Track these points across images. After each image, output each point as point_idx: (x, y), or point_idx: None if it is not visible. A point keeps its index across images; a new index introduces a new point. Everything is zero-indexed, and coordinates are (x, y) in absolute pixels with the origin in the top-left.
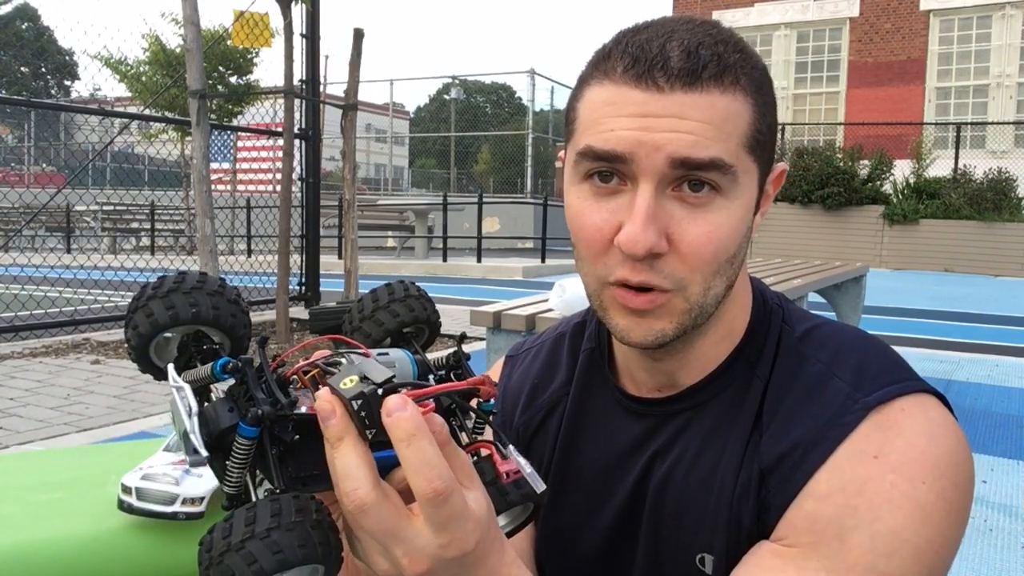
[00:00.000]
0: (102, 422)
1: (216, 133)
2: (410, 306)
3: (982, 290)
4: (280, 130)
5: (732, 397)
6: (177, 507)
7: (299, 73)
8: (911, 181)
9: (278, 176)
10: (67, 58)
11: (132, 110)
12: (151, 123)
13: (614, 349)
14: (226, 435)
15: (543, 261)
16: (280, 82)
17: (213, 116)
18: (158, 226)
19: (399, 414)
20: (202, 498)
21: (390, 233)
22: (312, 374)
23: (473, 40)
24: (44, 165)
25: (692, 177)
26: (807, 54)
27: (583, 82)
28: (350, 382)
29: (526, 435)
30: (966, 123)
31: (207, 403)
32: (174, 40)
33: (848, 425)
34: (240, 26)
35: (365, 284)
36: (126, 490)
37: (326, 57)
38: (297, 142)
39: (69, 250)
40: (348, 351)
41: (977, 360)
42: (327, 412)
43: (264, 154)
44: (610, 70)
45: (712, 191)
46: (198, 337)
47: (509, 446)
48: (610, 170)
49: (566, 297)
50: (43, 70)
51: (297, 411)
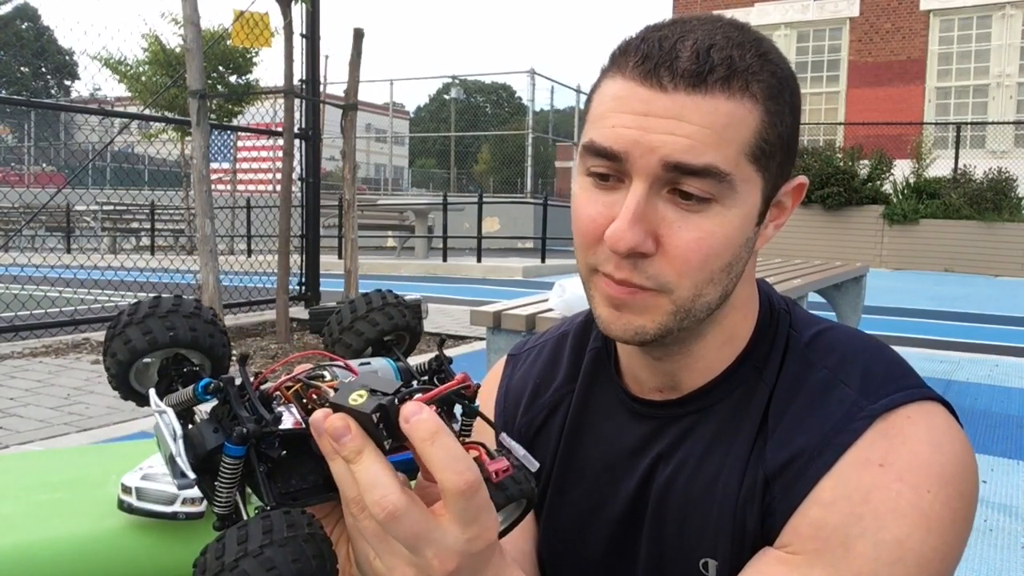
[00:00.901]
0: (102, 422)
1: (216, 133)
2: (389, 314)
3: (982, 290)
4: (280, 130)
5: (737, 402)
6: (177, 507)
7: (299, 73)
8: (911, 181)
9: (278, 176)
10: (67, 58)
11: (132, 110)
12: (151, 123)
13: (619, 349)
14: (212, 456)
15: (543, 261)
16: (280, 82)
17: (213, 116)
18: (158, 226)
19: (418, 417)
20: (202, 498)
21: (390, 233)
22: (295, 389)
23: (473, 40)
24: (44, 165)
25: (684, 185)
26: (807, 54)
27: (602, 73)
28: (360, 397)
29: (528, 434)
30: (966, 123)
31: (191, 425)
32: (174, 40)
33: (854, 432)
34: (240, 26)
35: (365, 284)
36: (126, 490)
37: (326, 57)
38: (297, 142)
39: (69, 250)
40: (330, 364)
41: (977, 360)
42: (341, 429)
43: (264, 154)
44: (623, 64)
45: (704, 200)
46: (178, 360)
47: (502, 433)
48: (607, 171)
49: (566, 297)
50: (43, 70)
51: (282, 427)
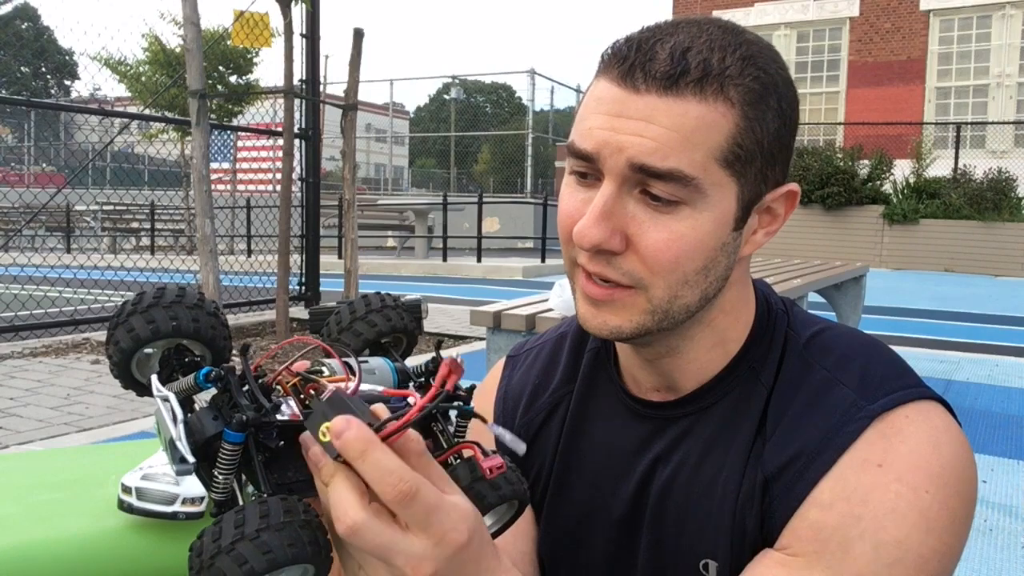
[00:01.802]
0: (102, 422)
1: (216, 133)
2: (387, 316)
3: (982, 290)
4: (280, 130)
5: (735, 403)
6: (177, 507)
7: (299, 73)
8: (911, 181)
9: (278, 176)
10: (67, 58)
11: (132, 110)
12: (151, 123)
13: (617, 348)
14: (211, 443)
15: (543, 261)
16: (280, 82)
17: (213, 116)
18: (158, 226)
19: (346, 435)
20: (202, 498)
21: (390, 233)
22: (294, 382)
23: (473, 40)
24: (44, 165)
25: (651, 187)
26: (807, 54)
27: (594, 77)
28: (326, 432)
29: (528, 435)
30: (966, 123)
31: (191, 414)
32: (174, 40)
33: (852, 433)
34: (240, 26)
35: (365, 284)
36: (126, 490)
37: (326, 57)
38: (297, 142)
39: (69, 250)
40: (328, 360)
41: (977, 360)
42: (317, 456)
43: (264, 154)
44: (607, 66)
45: (672, 203)
46: (179, 351)
47: (490, 423)
48: (584, 171)
49: (566, 297)
50: (43, 70)
51: (281, 417)
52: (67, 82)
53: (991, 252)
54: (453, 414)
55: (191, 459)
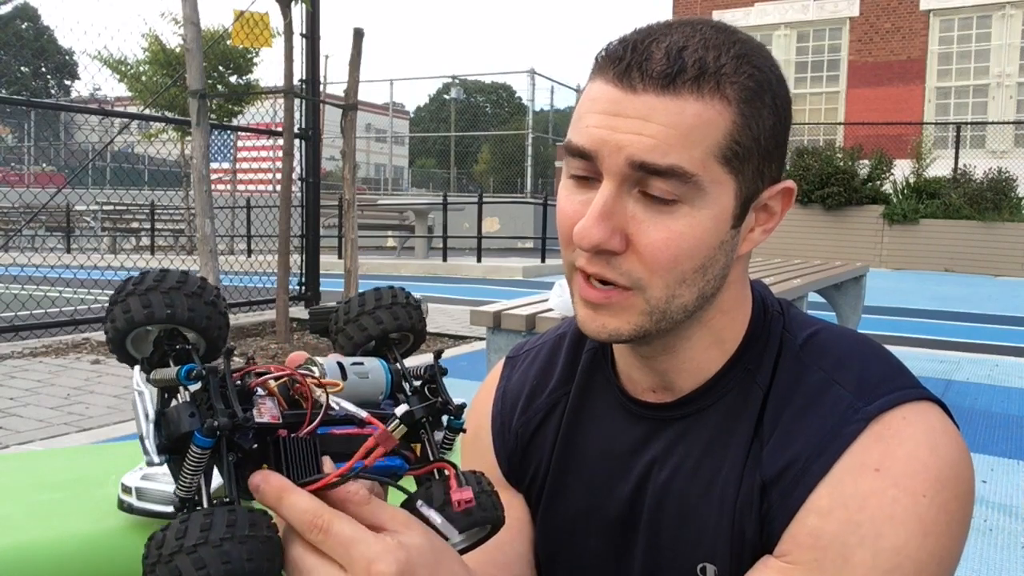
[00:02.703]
0: (102, 422)
1: (216, 133)
2: (395, 314)
3: (982, 290)
4: (280, 130)
5: (731, 405)
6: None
7: (299, 73)
8: (911, 181)
9: (278, 176)
10: (67, 58)
11: (132, 110)
12: (151, 123)
13: (614, 349)
14: (185, 438)
15: (543, 261)
16: (280, 82)
17: (213, 116)
18: (158, 226)
19: (262, 487)
20: None
21: (390, 233)
22: (283, 381)
23: (473, 40)
24: (44, 165)
25: (650, 186)
26: (807, 54)
27: (589, 78)
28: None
29: (525, 436)
30: (966, 123)
31: (175, 402)
32: (174, 40)
33: (849, 436)
34: (240, 26)
35: (365, 284)
36: (126, 490)
37: (326, 57)
38: (297, 142)
39: (69, 250)
40: (321, 360)
41: (977, 360)
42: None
43: (264, 154)
44: (602, 67)
45: (671, 202)
46: (174, 335)
47: (419, 503)
48: (583, 172)
49: (566, 297)
50: (43, 70)
51: (259, 420)
52: (67, 82)
53: (991, 252)
54: (446, 418)
55: (155, 459)
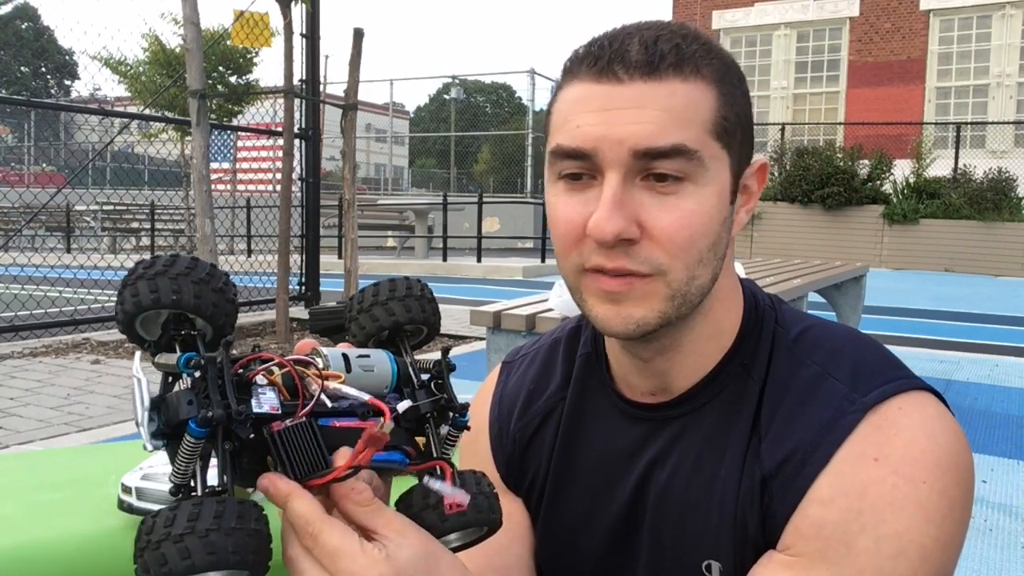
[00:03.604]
0: (102, 422)
1: (216, 133)
2: (408, 306)
3: (982, 290)
4: (280, 130)
5: (728, 402)
6: None
7: (299, 73)
8: (911, 181)
9: (278, 176)
10: (67, 58)
11: (132, 110)
12: (151, 123)
13: (609, 353)
14: (183, 425)
15: (543, 261)
16: (280, 82)
17: (213, 116)
18: (158, 226)
19: (271, 492)
20: None
21: (390, 233)
22: (284, 372)
23: (473, 40)
24: (44, 165)
25: (656, 168)
26: (807, 54)
27: (557, 88)
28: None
29: (523, 441)
30: (966, 123)
31: (177, 386)
32: (174, 40)
33: (846, 427)
34: (240, 26)
35: (365, 284)
36: (126, 490)
37: (326, 57)
38: (297, 142)
39: (69, 250)
40: (326, 351)
41: (977, 360)
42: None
43: (264, 154)
44: (576, 71)
45: (678, 180)
46: (182, 320)
47: (426, 479)
48: (579, 170)
49: (566, 297)
50: (43, 70)
51: (258, 410)
52: (67, 82)
53: (991, 252)
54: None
55: (149, 447)
